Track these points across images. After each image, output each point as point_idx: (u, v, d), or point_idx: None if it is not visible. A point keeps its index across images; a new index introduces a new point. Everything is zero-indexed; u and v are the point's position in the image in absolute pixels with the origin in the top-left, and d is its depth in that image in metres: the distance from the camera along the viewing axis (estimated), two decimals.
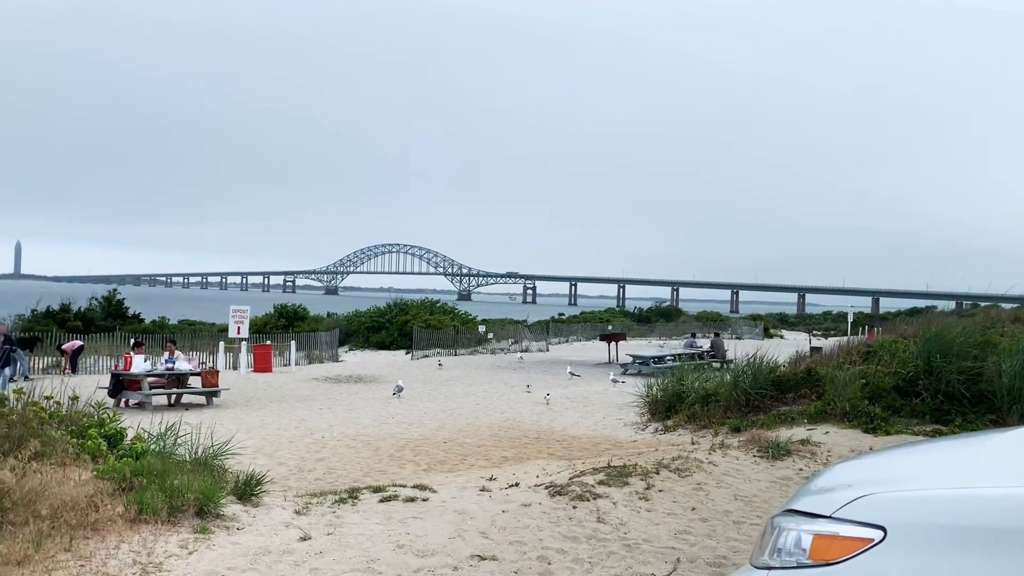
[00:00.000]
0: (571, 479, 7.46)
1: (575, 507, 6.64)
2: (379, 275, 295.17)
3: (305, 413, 15.64)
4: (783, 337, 56.48)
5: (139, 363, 17.57)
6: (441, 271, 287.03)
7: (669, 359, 25.74)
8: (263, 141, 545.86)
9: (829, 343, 25.02)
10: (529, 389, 17.53)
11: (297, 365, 28.22)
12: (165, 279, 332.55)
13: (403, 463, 10.41)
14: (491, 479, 7.91)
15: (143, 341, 22.04)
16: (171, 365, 18.03)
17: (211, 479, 6.25)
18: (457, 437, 12.45)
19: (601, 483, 7.26)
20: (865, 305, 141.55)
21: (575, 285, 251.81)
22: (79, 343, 24.72)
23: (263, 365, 25.93)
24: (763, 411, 11.59)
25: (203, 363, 23.99)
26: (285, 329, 36.85)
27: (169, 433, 7.46)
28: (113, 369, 18.95)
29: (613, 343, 31.52)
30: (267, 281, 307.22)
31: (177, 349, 19.72)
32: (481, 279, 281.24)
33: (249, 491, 6.36)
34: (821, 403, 11.03)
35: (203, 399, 17.50)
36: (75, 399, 7.13)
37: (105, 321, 37.24)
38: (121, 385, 17.05)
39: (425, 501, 6.77)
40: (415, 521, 6.17)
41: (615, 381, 21.01)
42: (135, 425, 7.62)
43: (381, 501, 6.69)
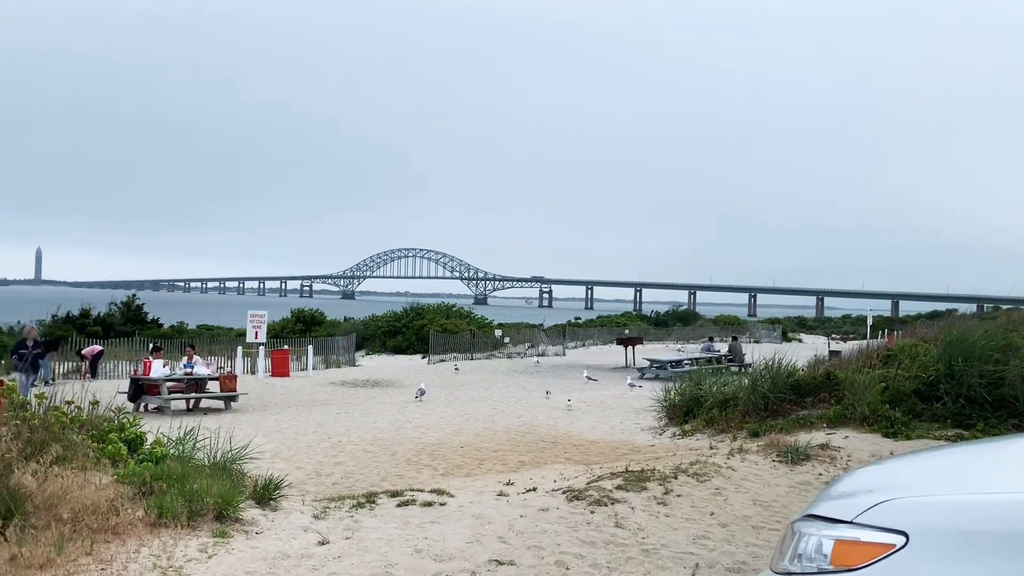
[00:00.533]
0: (589, 484, 7.44)
1: (593, 512, 6.62)
2: (395, 279, 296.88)
3: (323, 417, 15.70)
4: (801, 341, 56.14)
5: (158, 368, 17.71)
6: (457, 275, 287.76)
7: (687, 363, 25.63)
8: (280, 147, 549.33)
9: (848, 347, 24.89)
10: (548, 396, 17.45)
11: (314, 369, 28.32)
12: (183, 284, 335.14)
13: (420, 468, 10.42)
14: (508, 484, 7.90)
15: (162, 346, 22.21)
16: (190, 370, 18.15)
17: (230, 483, 6.28)
18: (474, 441, 12.46)
19: (619, 488, 7.24)
20: (884, 308, 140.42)
21: (591, 289, 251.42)
22: (99, 348, 24.94)
23: (281, 369, 26.05)
24: (782, 415, 11.51)
25: (221, 368, 24.13)
26: (302, 334, 37.01)
27: (188, 437, 7.50)
28: (132, 374, 19.10)
29: (630, 347, 31.43)
30: (284, 286, 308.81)
31: (196, 354, 19.86)
32: (497, 283, 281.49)
33: (268, 495, 6.39)
34: (840, 407, 10.94)
35: (221, 403, 17.61)
36: (96, 403, 7.19)
37: (124, 326, 37.57)
38: (141, 389, 17.18)
39: (443, 506, 6.77)
40: (433, 526, 6.17)
41: (632, 385, 20.94)
42: (154, 429, 7.68)
43: (399, 506, 6.70)
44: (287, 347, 28.48)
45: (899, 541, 2.56)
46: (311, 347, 29.23)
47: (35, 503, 5.09)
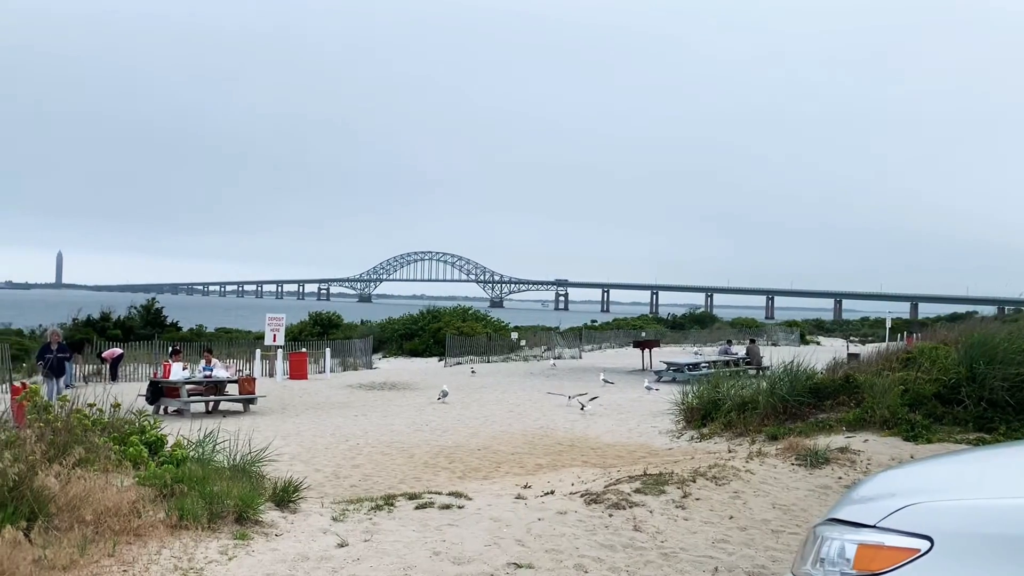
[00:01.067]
0: (607, 487, 7.43)
1: (611, 515, 6.61)
2: (412, 283, 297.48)
3: (340, 420, 15.76)
4: (820, 343, 55.76)
5: (177, 371, 17.83)
6: (473, 278, 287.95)
7: (704, 366, 25.53)
8: (298, 152, 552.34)
9: (867, 349, 24.72)
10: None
11: (332, 372, 28.45)
12: (202, 287, 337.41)
13: (437, 470, 10.44)
14: (526, 487, 7.89)
15: (181, 349, 22.37)
16: (209, 373, 18.27)
17: (249, 486, 6.31)
18: (491, 444, 12.46)
19: (637, 491, 7.22)
20: (903, 311, 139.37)
21: (607, 291, 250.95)
22: (119, 351, 25.16)
23: (298, 372, 26.18)
24: (800, 418, 11.45)
25: (240, 370, 24.28)
26: (320, 336, 37.20)
27: (208, 440, 7.55)
28: (152, 376, 19.24)
29: (647, 350, 31.33)
30: (302, 289, 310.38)
31: (214, 357, 19.98)
32: (513, 286, 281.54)
33: (287, 498, 6.42)
34: (860, 410, 10.87)
35: (240, 406, 17.72)
36: (117, 406, 7.25)
37: (144, 329, 37.96)
38: (160, 392, 17.32)
39: (460, 508, 6.78)
40: (451, 528, 6.18)
41: (649, 388, 20.89)
42: (174, 432, 7.74)
43: (417, 508, 6.71)
44: (305, 350, 28.62)
45: (923, 546, 2.54)
46: (328, 350, 29.37)
47: (58, 505, 5.15)
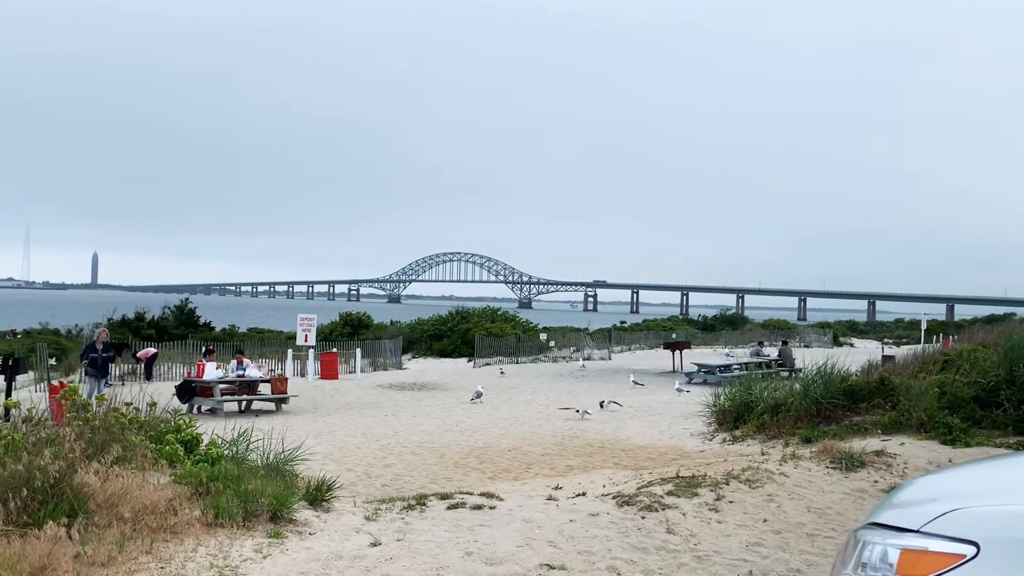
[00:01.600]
0: (639, 489, 7.38)
1: (644, 517, 6.57)
2: (440, 283, 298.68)
3: (371, 420, 15.85)
4: (853, 345, 55.03)
5: (211, 370, 18.04)
6: (501, 279, 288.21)
7: (736, 368, 25.32)
8: (329, 155, 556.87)
9: (902, 352, 24.34)
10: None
11: (362, 372, 28.61)
12: (234, 288, 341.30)
13: (468, 471, 10.45)
14: (557, 488, 7.87)
15: (214, 348, 22.63)
16: (242, 372, 18.46)
17: (283, 484, 6.36)
18: (521, 445, 12.46)
19: (670, 493, 7.17)
20: (939, 312, 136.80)
21: (637, 293, 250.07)
22: (153, 351, 25.49)
23: (329, 372, 26.36)
24: (834, 421, 11.31)
25: (272, 370, 24.52)
26: (350, 337, 37.44)
27: (241, 439, 7.62)
28: (186, 376, 19.48)
29: (677, 351, 31.15)
30: (332, 290, 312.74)
31: (245, 358, 20.18)
32: (542, 287, 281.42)
33: (320, 496, 6.46)
34: (895, 413, 10.71)
35: (272, 405, 17.88)
36: (154, 405, 7.34)
37: (178, 329, 38.42)
38: (193, 391, 17.52)
39: (492, 509, 6.77)
40: (483, 529, 6.18)
41: (680, 390, 20.77)
42: (208, 431, 7.81)
43: (448, 508, 6.72)
44: (336, 350, 28.81)
45: (969, 551, 2.49)
46: (359, 350, 29.53)
47: (97, 502, 5.22)
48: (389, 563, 5.27)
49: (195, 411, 16.86)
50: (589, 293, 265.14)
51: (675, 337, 43.47)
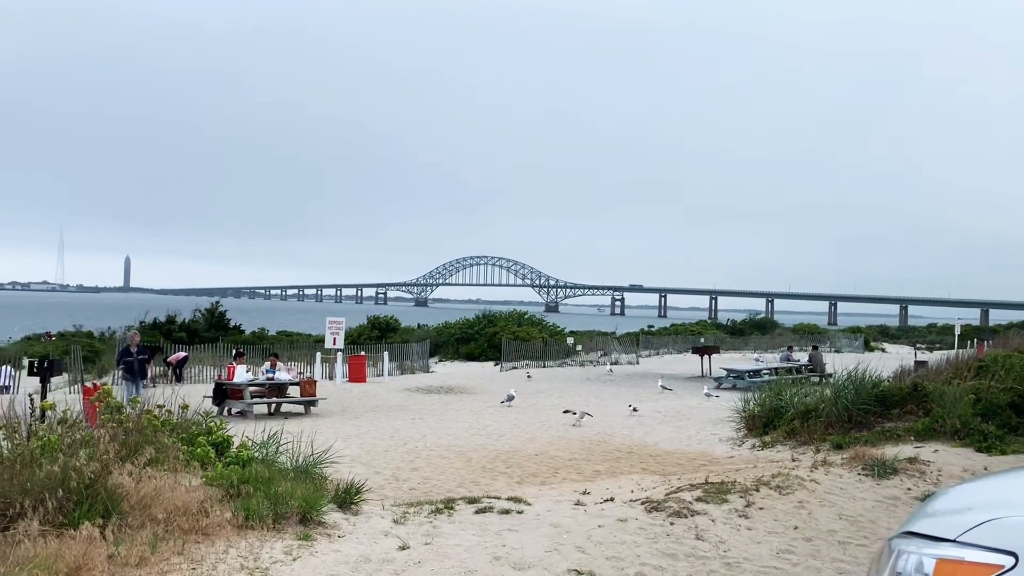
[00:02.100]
0: (667, 495, 7.34)
1: (672, 523, 6.53)
2: (467, 287, 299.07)
3: (399, 423, 15.91)
4: (885, 350, 54.35)
5: (241, 373, 18.21)
6: (528, 283, 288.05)
7: (765, 373, 25.10)
8: (359, 158, 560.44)
9: (935, 357, 23.98)
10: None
11: (390, 375, 28.75)
12: (264, 291, 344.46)
13: (495, 475, 10.45)
14: (585, 493, 7.85)
15: (245, 351, 22.84)
16: (272, 375, 18.62)
17: (312, 487, 6.40)
18: (548, 450, 12.43)
19: (699, 499, 7.12)
20: (973, 317, 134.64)
21: (665, 297, 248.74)
22: (183, 354, 25.79)
23: (358, 375, 26.51)
24: (866, 427, 11.17)
25: (301, 373, 24.70)
26: (378, 340, 37.62)
27: (271, 441, 7.70)
28: (217, 379, 19.68)
29: (706, 356, 30.93)
30: (360, 293, 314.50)
31: (279, 361, 20.38)
32: (569, 291, 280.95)
33: (349, 499, 6.49)
34: (929, 420, 10.56)
35: (301, 408, 18.01)
36: (185, 407, 7.43)
37: (208, 332, 38.82)
38: (224, 394, 17.70)
39: (520, 514, 6.77)
40: (511, 533, 6.17)
41: (709, 395, 20.63)
42: (239, 433, 7.89)
43: (476, 512, 6.72)
44: (364, 353, 28.97)
45: (1008, 562, 2.45)
46: (387, 353, 29.68)
47: (131, 503, 5.29)
48: (417, 567, 5.28)
49: (226, 413, 17.02)
50: (616, 297, 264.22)
51: (703, 341, 43.12)
